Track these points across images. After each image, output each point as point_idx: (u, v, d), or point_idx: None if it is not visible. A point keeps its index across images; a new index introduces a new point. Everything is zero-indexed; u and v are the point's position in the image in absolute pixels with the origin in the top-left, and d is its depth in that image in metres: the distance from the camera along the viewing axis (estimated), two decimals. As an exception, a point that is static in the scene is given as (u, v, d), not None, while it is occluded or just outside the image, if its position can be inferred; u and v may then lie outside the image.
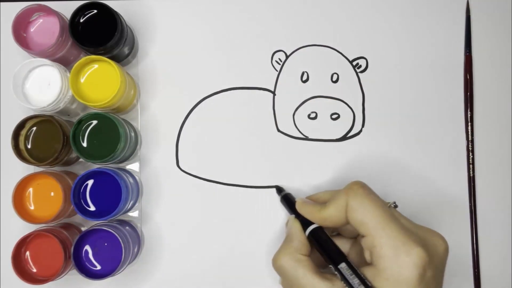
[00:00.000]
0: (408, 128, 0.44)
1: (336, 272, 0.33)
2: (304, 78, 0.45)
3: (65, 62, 0.41)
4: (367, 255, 0.33)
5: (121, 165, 0.44)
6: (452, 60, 0.45)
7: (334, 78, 0.45)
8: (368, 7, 0.45)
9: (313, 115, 0.44)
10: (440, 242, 0.33)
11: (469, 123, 0.44)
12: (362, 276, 0.32)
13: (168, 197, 0.44)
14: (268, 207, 0.43)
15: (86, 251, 0.39)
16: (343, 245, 0.37)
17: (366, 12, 0.45)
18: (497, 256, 0.43)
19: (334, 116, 0.44)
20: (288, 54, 0.45)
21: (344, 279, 0.32)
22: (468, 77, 0.45)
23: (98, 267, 0.39)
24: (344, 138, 0.44)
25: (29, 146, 0.40)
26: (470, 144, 0.44)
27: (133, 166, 0.44)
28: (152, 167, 0.44)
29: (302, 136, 0.44)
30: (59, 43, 0.39)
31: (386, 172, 0.44)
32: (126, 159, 0.43)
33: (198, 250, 0.43)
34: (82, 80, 0.40)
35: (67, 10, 0.40)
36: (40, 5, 0.40)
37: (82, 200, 0.39)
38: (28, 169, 0.41)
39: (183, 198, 0.43)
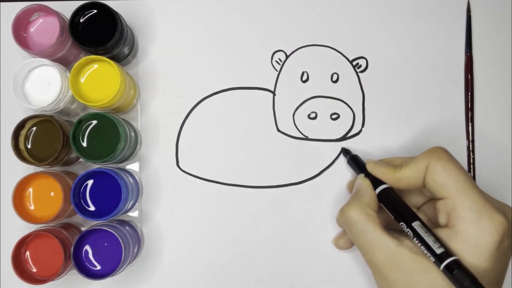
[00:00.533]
0: (408, 128, 0.44)
1: (408, 230, 0.33)
2: (304, 78, 0.45)
3: (65, 62, 0.41)
4: (442, 218, 0.33)
5: (121, 165, 0.44)
6: (452, 60, 0.45)
7: (334, 78, 0.45)
8: (368, 7, 0.45)
9: (313, 115, 0.44)
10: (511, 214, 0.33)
11: (470, 123, 0.44)
12: (436, 234, 0.32)
13: (168, 197, 0.44)
14: (268, 207, 0.43)
15: (86, 251, 0.39)
16: None
17: (366, 12, 0.45)
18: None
19: (334, 116, 0.44)
20: (288, 54, 0.45)
21: (417, 237, 0.32)
22: (468, 77, 0.44)
23: (98, 267, 0.39)
24: (344, 138, 0.44)
25: (29, 146, 0.40)
26: (470, 144, 0.44)
27: (133, 166, 0.44)
28: (152, 167, 0.44)
29: (302, 136, 0.44)
30: (59, 43, 0.39)
31: (386, 172, 0.44)
32: (126, 159, 0.43)
33: (198, 250, 0.43)
34: (82, 80, 0.40)
35: (67, 10, 0.40)
36: (40, 5, 0.40)
37: (82, 200, 0.39)
38: (28, 169, 0.41)
39: (183, 198, 0.43)
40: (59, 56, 0.41)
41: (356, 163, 0.41)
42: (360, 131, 0.44)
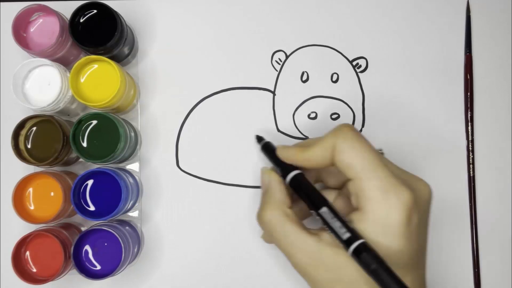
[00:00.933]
0: (408, 128, 0.44)
1: (317, 218, 0.32)
2: (304, 78, 0.45)
3: (65, 62, 0.41)
4: (353, 200, 0.32)
5: (121, 165, 0.44)
6: (452, 60, 0.45)
7: (334, 78, 0.45)
8: (368, 7, 0.45)
9: (313, 115, 0.44)
10: (425, 188, 0.33)
11: (469, 123, 0.44)
12: (343, 218, 0.31)
13: (168, 197, 0.44)
14: (268, 207, 0.43)
15: (86, 251, 0.39)
16: (328, 196, 0.35)
17: (366, 12, 0.45)
18: (497, 256, 0.43)
19: (334, 116, 0.44)
20: (288, 54, 0.45)
21: (326, 224, 0.31)
22: (468, 77, 0.45)
23: (98, 267, 0.39)
24: (344, 138, 0.44)
25: (29, 146, 0.40)
26: (470, 144, 0.44)
27: (133, 166, 0.44)
28: (152, 167, 0.44)
29: (302, 136, 0.44)
30: (59, 43, 0.39)
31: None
32: (126, 159, 0.43)
33: (198, 250, 0.43)
34: (82, 80, 0.40)
35: (67, 10, 0.40)
36: (40, 5, 0.39)
37: (82, 200, 0.39)
38: (28, 169, 0.41)
39: (183, 198, 0.43)
40: (59, 56, 0.40)
41: (268, 150, 0.38)
42: (360, 131, 0.44)
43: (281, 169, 0.36)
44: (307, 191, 0.34)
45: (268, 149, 0.39)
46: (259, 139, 0.41)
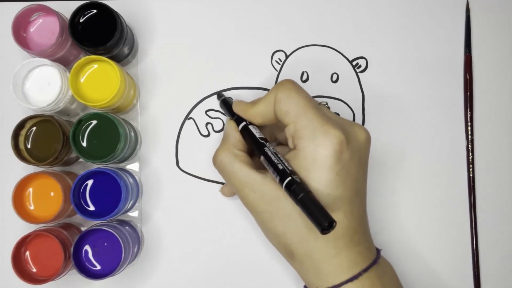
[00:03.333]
0: (408, 128, 0.44)
1: (262, 159, 0.34)
2: (304, 78, 0.45)
3: (65, 62, 0.41)
4: (290, 143, 0.35)
5: (121, 165, 0.44)
6: (452, 60, 0.45)
7: (334, 78, 0.45)
8: (368, 7, 0.45)
9: (313, 115, 0.44)
10: (361, 132, 0.35)
11: (469, 123, 0.44)
12: (281, 158, 0.33)
13: (168, 197, 0.44)
14: (268, 207, 0.43)
15: (86, 251, 0.39)
16: (281, 150, 0.38)
17: (366, 12, 0.45)
18: (497, 256, 0.43)
19: (334, 116, 0.44)
20: (288, 54, 0.45)
21: (267, 164, 0.34)
22: (468, 77, 0.45)
23: (98, 267, 0.39)
24: (344, 138, 0.44)
25: (29, 146, 0.40)
26: (470, 144, 0.44)
27: (133, 166, 0.44)
28: (152, 167, 0.44)
29: (302, 136, 0.44)
30: (59, 43, 0.39)
31: (385, 171, 0.44)
32: (126, 159, 0.43)
33: (198, 250, 0.43)
34: (82, 80, 0.40)
35: (67, 10, 0.40)
36: (40, 5, 0.39)
37: (82, 200, 0.39)
38: (28, 169, 0.41)
39: (183, 198, 0.43)
40: (59, 56, 0.40)
41: (226, 105, 0.41)
42: (360, 131, 0.44)
43: (235, 120, 0.39)
44: (252, 139, 0.37)
45: (226, 104, 0.42)
46: (219, 95, 0.44)
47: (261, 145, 0.35)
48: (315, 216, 0.29)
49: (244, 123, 0.38)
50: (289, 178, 0.31)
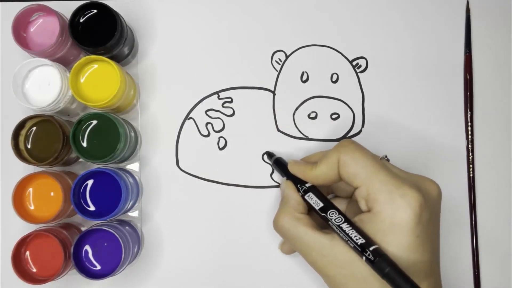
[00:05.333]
0: (408, 128, 0.44)
1: (331, 225, 0.33)
2: (304, 78, 0.45)
3: (65, 62, 0.41)
4: (362, 205, 0.33)
5: (121, 165, 0.44)
6: (452, 60, 0.45)
7: (334, 78, 0.45)
8: (368, 7, 0.45)
9: (313, 115, 0.44)
10: (432, 187, 0.34)
11: (469, 123, 0.44)
12: (351, 221, 0.32)
13: (168, 197, 0.44)
14: (268, 207, 0.43)
15: (86, 251, 0.39)
16: (339, 205, 0.38)
17: (366, 12, 0.45)
18: (497, 256, 0.43)
19: (334, 116, 0.44)
20: (288, 54, 0.45)
21: (340, 230, 0.32)
22: (468, 77, 0.45)
23: (98, 267, 0.39)
24: (344, 138, 0.44)
25: (29, 146, 0.40)
26: (470, 144, 0.44)
27: (133, 166, 0.44)
28: (152, 167, 0.44)
29: (302, 136, 0.44)
30: (59, 43, 0.39)
31: (386, 172, 0.44)
32: (126, 159, 0.43)
33: (198, 250, 0.43)
34: (82, 80, 0.40)
35: (67, 10, 0.40)
36: (40, 5, 0.39)
37: (82, 200, 0.39)
38: (28, 169, 0.41)
39: (183, 198, 0.43)
40: (59, 56, 0.40)
41: (280, 165, 0.41)
42: (360, 131, 0.44)
43: (293, 182, 0.38)
44: (321, 199, 0.35)
45: (279, 164, 0.41)
46: (270, 155, 0.43)
47: (326, 211, 0.34)
48: None
49: (304, 187, 0.37)
50: (370, 249, 0.30)
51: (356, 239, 0.31)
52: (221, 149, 0.44)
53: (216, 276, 0.43)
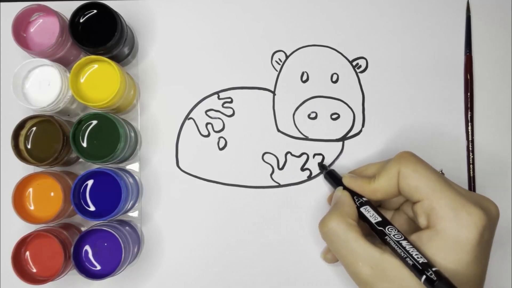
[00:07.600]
0: (408, 128, 0.44)
1: (389, 241, 0.33)
2: (304, 78, 0.45)
3: (65, 62, 0.41)
4: (422, 220, 0.33)
5: (121, 165, 0.44)
6: (452, 60, 0.45)
7: (334, 78, 0.45)
8: (368, 7, 0.45)
9: (313, 115, 0.44)
10: (493, 207, 0.33)
11: (469, 123, 0.44)
12: (414, 242, 0.32)
13: (168, 197, 0.44)
14: (268, 207, 0.43)
15: (86, 251, 0.39)
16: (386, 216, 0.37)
17: (366, 12, 0.45)
18: (497, 256, 0.43)
19: (334, 116, 0.44)
20: (288, 54, 0.45)
21: (396, 243, 0.32)
22: (468, 77, 0.45)
23: (98, 267, 0.39)
24: (344, 138, 0.44)
25: (29, 146, 0.40)
26: (470, 144, 0.44)
27: (133, 166, 0.44)
28: (152, 167, 0.44)
29: (302, 136, 0.44)
30: (59, 43, 0.39)
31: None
32: (126, 159, 0.43)
33: (198, 250, 0.43)
34: (82, 80, 0.40)
35: (67, 10, 0.40)
36: (40, 5, 0.40)
37: (82, 200, 0.39)
38: (28, 169, 0.41)
39: (183, 198, 0.43)
40: (59, 56, 0.41)
41: (333, 177, 0.41)
42: (360, 131, 0.44)
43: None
44: (378, 214, 0.35)
45: (332, 177, 0.41)
46: (322, 167, 0.43)
47: (384, 225, 0.33)
48: None
49: (360, 199, 0.36)
50: (433, 270, 0.30)
51: (417, 257, 0.30)
52: (221, 149, 0.44)
53: (216, 276, 0.43)
